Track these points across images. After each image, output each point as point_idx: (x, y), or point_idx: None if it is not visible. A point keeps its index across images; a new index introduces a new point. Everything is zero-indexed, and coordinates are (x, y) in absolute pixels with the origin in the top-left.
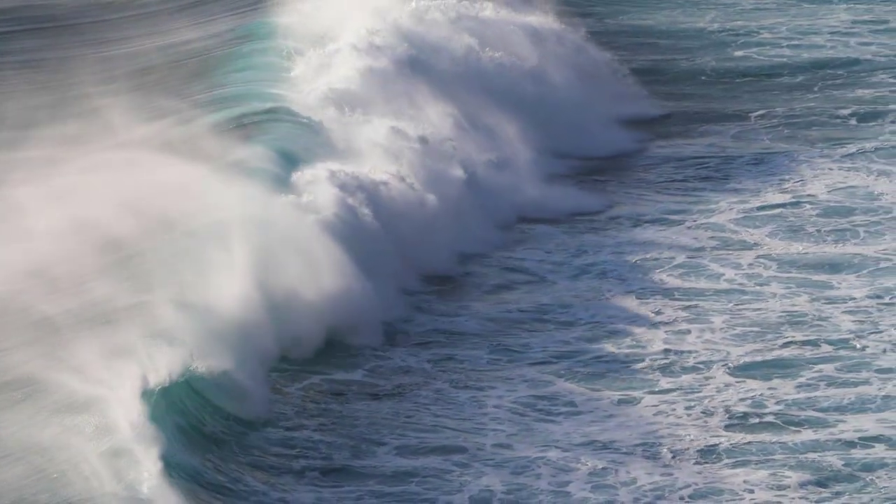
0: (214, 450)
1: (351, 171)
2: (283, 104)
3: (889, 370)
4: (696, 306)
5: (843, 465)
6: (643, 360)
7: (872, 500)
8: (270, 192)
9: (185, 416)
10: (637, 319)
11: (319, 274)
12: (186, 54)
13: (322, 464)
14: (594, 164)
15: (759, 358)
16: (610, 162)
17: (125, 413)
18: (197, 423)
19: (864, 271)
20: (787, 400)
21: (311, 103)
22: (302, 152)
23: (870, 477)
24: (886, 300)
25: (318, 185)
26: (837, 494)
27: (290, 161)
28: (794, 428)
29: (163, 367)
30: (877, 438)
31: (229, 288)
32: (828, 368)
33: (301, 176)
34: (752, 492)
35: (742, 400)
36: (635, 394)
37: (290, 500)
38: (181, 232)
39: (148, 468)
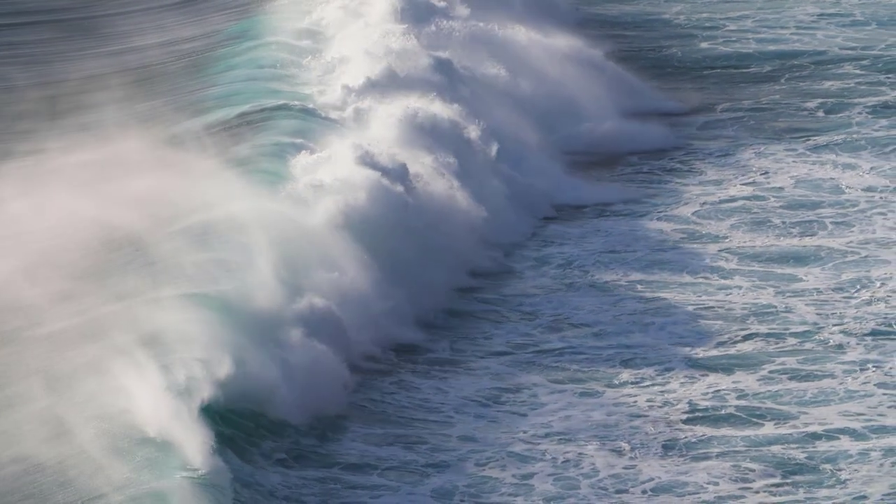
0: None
1: (382, 154)
2: (303, 101)
3: (852, 363)
4: (659, 298)
5: (805, 457)
6: (606, 353)
7: (836, 493)
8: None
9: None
10: (600, 312)
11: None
12: (190, 51)
13: (289, 447)
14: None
15: (721, 351)
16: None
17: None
18: None
19: (830, 264)
20: (749, 393)
21: (332, 99)
22: (320, 144)
23: (832, 469)
24: (851, 293)
25: (347, 170)
26: (800, 487)
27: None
28: (756, 421)
29: (187, 362)
30: (839, 431)
31: (253, 283)
32: (791, 361)
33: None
34: (716, 484)
35: (704, 393)
36: (598, 386)
37: (259, 478)
38: (194, 227)
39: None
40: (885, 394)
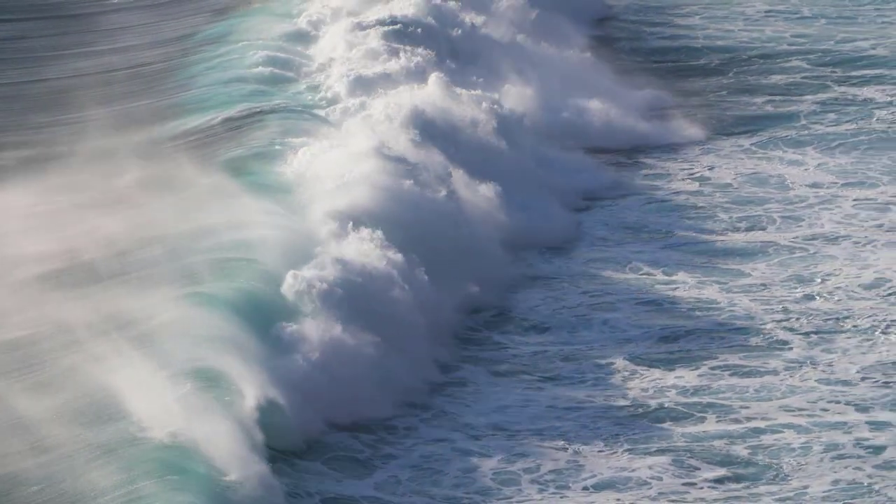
0: None
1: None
2: (301, 101)
3: (795, 358)
4: (602, 293)
5: (748, 453)
6: (548, 348)
7: (778, 487)
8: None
9: None
10: (542, 306)
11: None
12: (176, 52)
13: None
14: None
15: (664, 346)
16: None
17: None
18: None
19: (775, 260)
20: (691, 388)
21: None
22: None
23: (775, 464)
24: (797, 288)
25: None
26: (743, 481)
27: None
28: (699, 416)
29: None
30: (782, 426)
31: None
32: (734, 357)
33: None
34: (659, 479)
35: (646, 388)
36: (540, 381)
37: None
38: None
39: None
40: (827, 389)
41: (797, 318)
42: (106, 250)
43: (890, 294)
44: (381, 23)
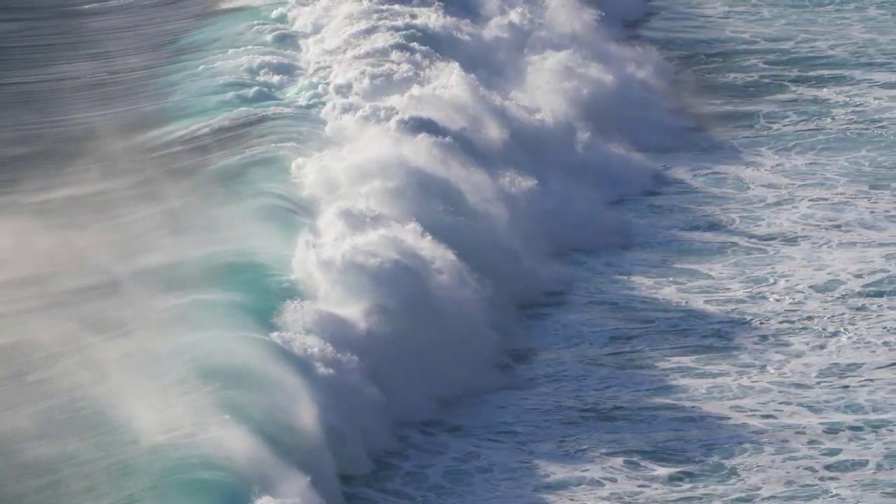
0: None
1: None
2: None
3: (749, 359)
4: (555, 292)
5: (702, 453)
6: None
7: (732, 487)
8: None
9: None
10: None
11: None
12: (165, 58)
13: None
14: None
15: (617, 346)
16: None
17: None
18: None
19: (732, 260)
20: (644, 388)
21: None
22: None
23: (728, 464)
24: (752, 289)
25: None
26: (697, 481)
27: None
28: (652, 416)
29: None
30: (736, 426)
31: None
32: (688, 357)
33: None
34: (613, 480)
35: (599, 388)
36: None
37: None
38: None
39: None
40: (780, 391)
41: (751, 319)
42: (103, 255)
43: (845, 296)
44: (396, 29)
